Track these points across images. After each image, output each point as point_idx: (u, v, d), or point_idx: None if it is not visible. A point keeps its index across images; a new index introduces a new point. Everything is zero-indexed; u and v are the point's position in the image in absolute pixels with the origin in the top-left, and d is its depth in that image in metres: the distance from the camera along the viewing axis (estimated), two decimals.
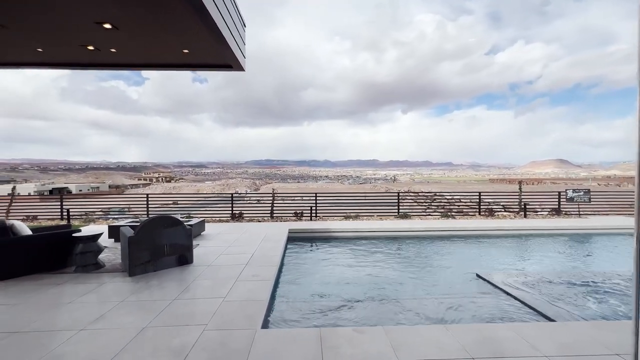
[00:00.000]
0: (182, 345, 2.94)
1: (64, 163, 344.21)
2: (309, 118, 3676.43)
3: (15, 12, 4.49)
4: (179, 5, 4.14)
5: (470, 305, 4.40)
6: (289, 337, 3.14)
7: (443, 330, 3.23)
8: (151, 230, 5.07)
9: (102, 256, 5.69)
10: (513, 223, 10.09)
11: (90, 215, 12.39)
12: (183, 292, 4.23)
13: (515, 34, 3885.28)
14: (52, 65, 6.78)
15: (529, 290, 4.76)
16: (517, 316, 4.07)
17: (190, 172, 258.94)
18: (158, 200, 13.57)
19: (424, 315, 4.13)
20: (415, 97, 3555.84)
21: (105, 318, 3.49)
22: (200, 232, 8.16)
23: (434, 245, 8.04)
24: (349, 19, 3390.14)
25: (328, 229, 9.11)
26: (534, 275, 5.50)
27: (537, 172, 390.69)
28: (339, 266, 6.38)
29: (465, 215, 12.22)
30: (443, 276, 5.81)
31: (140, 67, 6.80)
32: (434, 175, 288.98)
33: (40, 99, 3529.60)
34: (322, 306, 4.39)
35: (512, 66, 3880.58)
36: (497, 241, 8.51)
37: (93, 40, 5.45)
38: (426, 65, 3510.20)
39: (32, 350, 2.85)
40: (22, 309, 3.72)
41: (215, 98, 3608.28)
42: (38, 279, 4.76)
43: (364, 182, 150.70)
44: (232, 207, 11.90)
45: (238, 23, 6.20)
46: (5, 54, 6.21)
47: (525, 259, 7.02)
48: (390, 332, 3.16)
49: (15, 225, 5.00)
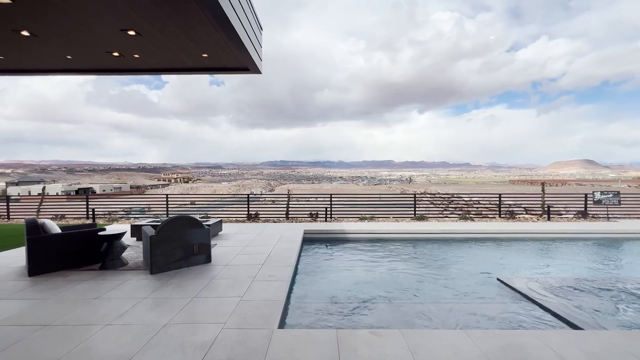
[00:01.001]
0: (203, 342, 3.01)
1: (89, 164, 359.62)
2: (324, 119, 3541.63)
3: (47, 22, 4.75)
4: (200, 11, 4.26)
5: (491, 311, 4.28)
6: (306, 337, 3.15)
7: (463, 335, 3.15)
8: (171, 230, 5.22)
9: (125, 254, 5.90)
10: (536, 226, 9.73)
11: (113, 215, 12.90)
12: (202, 291, 4.33)
13: (538, 30, 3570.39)
14: (80, 72, 7.11)
15: (553, 297, 4.58)
16: (541, 323, 3.92)
17: (207, 173, 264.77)
18: (177, 200, 13.95)
19: (442, 319, 4.04)
20: (432, 96, 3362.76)
21: (129, 314, 3.62)
22: (218, 232, 8.32)
23: (453, 248, 7.86)
24: (364, 19, 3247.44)
25: (343, 230, 9.08)
26: (559, 281, 5.28)
27: (562, 173, 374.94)
28: (354, 268, 6.34)
29: (484, 218, 11.88)
30: (462, 280, 5.67)
31: (161, 72, 7.03)
32: (451, 176, 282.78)
33: (68, 103, 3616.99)
34: (337, 307, 4.38)
35: (534, 63, 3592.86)
36: (518, 245, 8.22)
37: (118, 47, 5.68)
38: (443, 64, 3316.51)
39: (62, 343, 3.00)
40: (52, 304, 3.92)
41: (231, 100, 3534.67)
42: (66, 275, 4.99)
43: (378, 183, 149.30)
44: (248, 208, 12.07)
45: (255, 27, 6.31)
46: (38, 62, 6.57)
47: (550, 264, 6.75)
48: (408, 335, 3.12)
49: (46, 223, 5.27)
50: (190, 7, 4.20)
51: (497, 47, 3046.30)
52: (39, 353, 2.84)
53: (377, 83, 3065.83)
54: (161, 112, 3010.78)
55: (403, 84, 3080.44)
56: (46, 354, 2.82)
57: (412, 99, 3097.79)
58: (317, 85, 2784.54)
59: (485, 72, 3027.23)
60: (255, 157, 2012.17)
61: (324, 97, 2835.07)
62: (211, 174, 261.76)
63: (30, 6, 4.30)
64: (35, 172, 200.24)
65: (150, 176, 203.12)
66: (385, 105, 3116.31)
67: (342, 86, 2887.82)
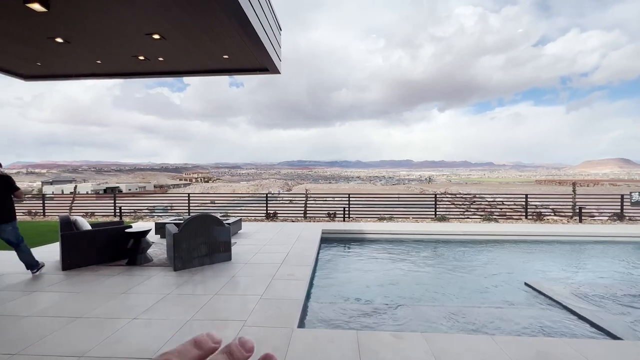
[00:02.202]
0: (224, 339, 3.03)
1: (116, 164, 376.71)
2: (341, 119, 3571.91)
3: (79, 29, 4.99)
4: (222, 14, 4.33)
5: (519, 316, 4.08)
6: (326, 338, 3.13)
7: (489, 341, 3.02)
8: (194, 228, 5.35)
9: (150, 251, 6.11)
10: (566, 228, 9.23)
11: (138, 213, 13.41)
12: (223, 288, 4.40)
13: (568, 22, 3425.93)
14: (109, 76, 7.44)
15: (587, 303, 4.31)
16: (574, 331, 3.70)
17: (226, 173, 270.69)
18: (198, 199, 14.32)
19: (466, 324, 3.90)
20: (453, 94, 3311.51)
21: (154, 309, 3.73)
22: (237, 231, 8.46)
23: (476, 250, 7.59)
24: (383, 16, 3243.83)
25: (362, 230, 8.99)
26: (593, 287, 4.96)
27: (593, 173, 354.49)
28: (374, 268, 6.26)
29: (509, 219, 11.41)
30: (487, 283, 5.45)
31: (184, 74, 7.23)
32: (472, 176, 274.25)
33: (97, 106, 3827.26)
34: (356, 308, 4.33)
35: (563, 58, 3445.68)
36: (547, 248, 7.83)
37: (144, 51, 5.89)
38: (465, 60, 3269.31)
39: (93, 334, 3.13)
40: (84, 297, 4.11)
41: (250, 101, 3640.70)
42: (96, 270, 5.23)
43: (397, 183, 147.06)
44: (266, 207, 12.20)
45: (275, 28, 6.35)
46: (71, 67, 6.93)
47: (582, 269, 6.37)
48: (431, 340, 3.02)
49: (78, 220, 5.54)
50: (214, 10, 4.28)
51: (523, 41, 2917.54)
52: (72, 343, 2.98)
53: (397, 81, 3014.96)
54: (183, 113, 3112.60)
55: (423, 81, 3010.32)
56: (78, 344, 2.95)
57: (433, 97, 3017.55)
58: (335, 84, 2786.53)
59: (510, 68, 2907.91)
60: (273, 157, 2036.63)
61: (342, 96, 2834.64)
62: (230, 173, 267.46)
63: (64, 14, 4.53)
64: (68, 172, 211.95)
65: (172, 176, 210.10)
66: (405, 103, 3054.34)
67: (361, 85, 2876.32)
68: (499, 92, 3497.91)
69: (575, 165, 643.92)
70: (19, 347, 2.90)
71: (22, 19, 4.62)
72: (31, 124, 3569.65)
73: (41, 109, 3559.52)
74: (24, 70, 7.09)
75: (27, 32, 5.09)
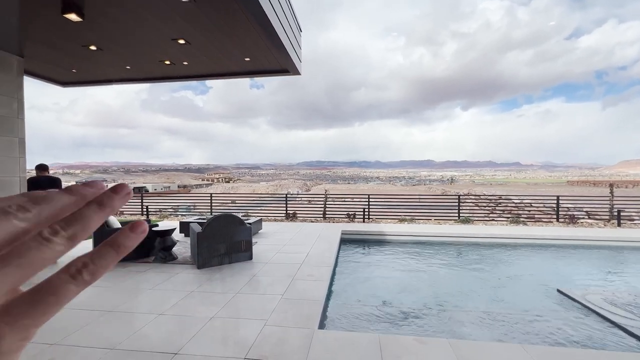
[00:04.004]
0: (246, 337, 3.09)
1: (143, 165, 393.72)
2: (360, 118, 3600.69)
3: (110, 37, 5.26)
4: (244, 17, 4.41)
5: (551, 325, 3.86)
6: (347, 340, 3.10)
7: (520, 350, 2.87)
8: (216, 227, 5.48)
9: (175, 249, 6.32)
10: (603, 233, 8.65)
11: (163, 212, 13.94)
12: (244, 287, 4.48)
13: (605, 12, 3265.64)
14: (137, 80, 7.78)
15: (626, 313, 4.01)
16: (612, 343, 3.45)
17: (246, 173, 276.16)
18: (219, 199, 14.67)
19: (494, 331, 3.74)
20: (477, 91, 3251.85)
21: (179, 305, 3.85)
22: (258, 231, 8.59)
23: (503, 254, 7.27)
24: (403, 14, 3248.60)
25: (382, 231, 8.86)
26: (634, 296, 4.61)
27: (633, 173, 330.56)
28: (395, 271, 6.14)
29: (538, 222, 10.85)
30: (516, 289, 5.21)
31: (207, 77, 7.43)
32: (498, 176, 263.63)
33: (126, 110, 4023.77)
34: (378, 310, 4.26)
35: (599, 50, 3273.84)
36: (581, 253, 7.37)
37: (169, 55, 6.11)
38: (490, 57, 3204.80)
39: (123, 328, 3.28)
40: (113, 292, 4.32)
41: (270, 102, 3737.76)
42: (125, 266, 5.47)
43: (417, 184, 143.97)
44: (286, 207, 12.30)
45: (295, 29, 6.39)
46: (102, 73, 7.31)
47: (621, 276, 5.94)
48: (457, 346, 2.91)
49: (109, 219, 5.83)
50: (236, 14, 4.37)
51: (554, 35, 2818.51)
52: (104, 336, 3.13)
53: (418, 79, 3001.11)
54: (206, 115, 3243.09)
55: (445, 79, 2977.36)
56: (110, 337, 3.10)
57: (455, 95, 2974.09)
58: (354, 84, 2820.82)
59: (539, 64, 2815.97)
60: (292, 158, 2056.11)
61: (361, 96, 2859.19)
62: (250, 174, 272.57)
63: (97, 23, 4.78)
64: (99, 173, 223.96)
65: (195, 176, 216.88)
66: (426, 102, 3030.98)
67: (380, 84, 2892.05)
68: (526, 88, 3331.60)
69: (611, 165, 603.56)
70: (57, 337, 3.08)
71: (60, 29, 4.93)
72: (66, 127, 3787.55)
73: (75, 113, 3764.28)
74: (61, 77, 7.56)
75: (64, 41, 5.42)
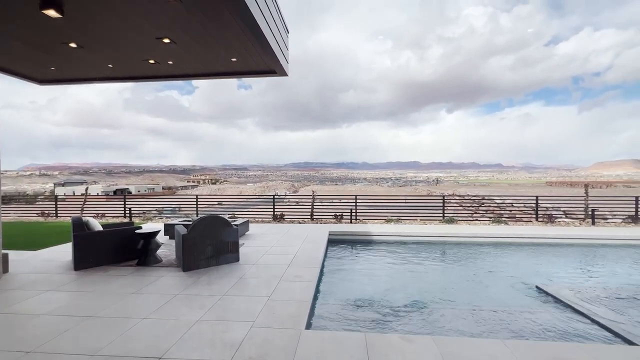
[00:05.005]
0: (233, 339, 3.07)
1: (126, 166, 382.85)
2: (348, 120, 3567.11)
3: (92, 34, 5.11)
4: (230, 17, 4.39)
5: (530, 320, 4.01)
6: (334, 339, 3.12)
7: (501, 345, 2.97)
8: (202, 229, 5.40)
9: (159, 252, 6.18)
10: (578, 231, 9.04)
11: (147, 214, 13.60)
12: (231, 289, 4.43)
13: (581, 21, 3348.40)
14: (120, 79, 7.59)
15: (600, 308, 4.20)
16: (587, 336, 3.61)
17: (233, 175, 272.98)
18: (205, 200, 14.46)
19: (476, 328, 3.85)
20: (462, 95, 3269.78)
21: (164, 309, 3.78)
22: (245, 232, 8.51)
23: (486, 253, 7.49)
24: (391, 18, 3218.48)
25: (369, 232, 8.95)
26: (607, 291, 4.85)
27: (606, 174, 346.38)
28: (381, 270, 6.22)
29: (519, 222, 11.22)
30: (497, 286, 5.37)
31: (193, 77, 7.33)
32: (481, 177, 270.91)
33: (108, 109, 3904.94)
34: (365, 310, 4.31)
35: (576, 57, 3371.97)
36: (559, 251, 7.67)
37: (154, 55, 6.00)
38: (475, 61, 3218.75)
39: (105, 333, 3.18)
40: (94, 297, 4.18)
41: (258, 103, 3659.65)
42: (106, 270, 5.31)
43: (404, 185, 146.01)
44: (273, 209, 12.24)
45: (282, 30, 6.40)
46: (83, 72, 7.10)
47: (596, 272, 6.23)
48: (441, 343, 2.99)
49: (90, 221, 5.65)
50: (222, 14, 4.34)
51: (534, 41, 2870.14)
52: (84, 342, 3.03)
53: (404, 82, 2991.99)
54: (191, 116, 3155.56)
55: (431, 83, 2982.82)
56: (90, 343, 3.01)
57: (441, 98, 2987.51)
58: (343, 86, 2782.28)
59: (520, 68, 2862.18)
60: (280, 159, 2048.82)
61: (349, 98, 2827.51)
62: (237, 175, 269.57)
63: (78, 20, 4.65)
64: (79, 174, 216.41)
65: (180, 177, 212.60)
66: (412, 105, 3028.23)
67: (368, 86, 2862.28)
68: (509, 92, 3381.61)
69: (587, 167, 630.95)
70: (34, 344, 2.96)
71: (38, 25, 4.76)
72: (45, 127, 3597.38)
73: (54, 112, 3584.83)
74: (39, 75, 7.28)
75: (42, 38, 5.24)
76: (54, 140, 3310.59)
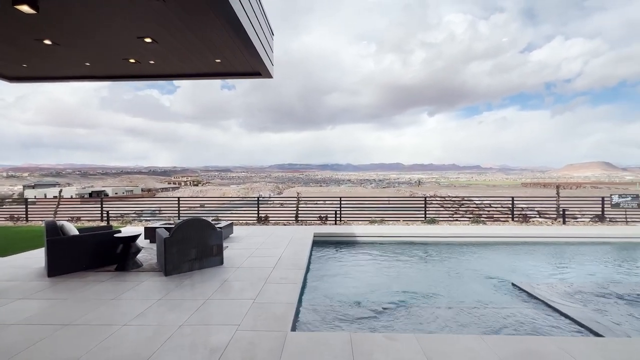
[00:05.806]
0: (218, 343, 3.04)
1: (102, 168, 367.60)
2: (333, 122, 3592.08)
3: (68, 31, 4.93)
4: (215, 18, 4.36)
5: (506, 316, 4.20)
6: (319, 340, 3.16)
7: (479, 340, 3.10)
8: (185, 232, 5.30)
9: (140, 256, 6.01)
10: (551, 230, 9.52)
11: (126, 217, 13.16)
12: (215, 293, 4.38)
13: (553, 30, 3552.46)
14: (98, 78, 7.33)
15: (571, 302, 4.47)
16: (558, 329, 3.83)
17: (216, 176, 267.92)
18: (187, 203, 14.16)
19: (456, 324, 3.99)
20: (443, 99, 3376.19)
21: (145, 315, 3.69)
22: (229, 235, 8.40)
23: (465, 252, 7.75)
24: (375, 22, 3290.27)
25: (353, 233, 9.06)
26: (576, 287, 5.15)
27: (576, 176, 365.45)
28: (365, 271, 6.32)
29: (496, 221, 11.69)
30: (476, 284, 5.58)
31: (175, 77, 7.19)
32: (461, 179, 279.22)
33: (84, 108, 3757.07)
34: (349, 310, 4.37)
35: (548, 64, 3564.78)
36: (533, 249, 8.06)
37: (135, 54, 5.85)
38: (455, 66, 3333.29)
39: (82, 342, 3.07)
40: (72, 304, 4.02)
41: (242, 104, 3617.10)
42: (83, 276, 5.11)
43: (387, 186, 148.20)
44: (258, 211, 12.15)
45: (267, 32, 6.40)
46: (59, 70, 6.81)
47: (566, 269, 6.59)
48: (423, 340, 3.09)
49: (65, 225, 5.42)
50: (206, 15, 4.30)
51: (510, 48, 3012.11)
52: (60, 352, 2.92)
53: (388, 86, 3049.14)
54: (173, 116, 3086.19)
55: (414, 86, 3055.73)
56: (67, 352, 2.90)
57: (423, 101, 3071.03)
58: (327, 88, 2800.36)
59: (497, 74, 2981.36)
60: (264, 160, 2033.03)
61: (334, 100, 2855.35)
62: (220, 177, 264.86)
63: (53, 16, 4.47)
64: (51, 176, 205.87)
65: (160, 179, 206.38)
66: (396, 107, 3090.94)
67: (352, 89, 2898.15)
68: (487, 97, 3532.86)
69: (559, 169, 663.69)
70: (5, 357, 2.82)
71: (9, 20, 4.54)
72: (13, 125, 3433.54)
73: (24, 110, 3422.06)
74: (9, 72, 6.93)
75: (14, 34, 5.00)
76: (24, 140, 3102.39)
